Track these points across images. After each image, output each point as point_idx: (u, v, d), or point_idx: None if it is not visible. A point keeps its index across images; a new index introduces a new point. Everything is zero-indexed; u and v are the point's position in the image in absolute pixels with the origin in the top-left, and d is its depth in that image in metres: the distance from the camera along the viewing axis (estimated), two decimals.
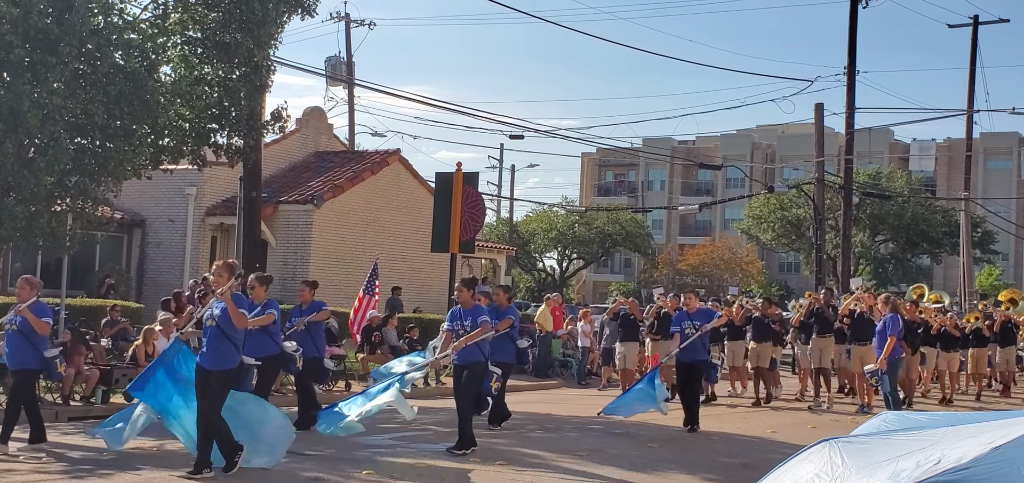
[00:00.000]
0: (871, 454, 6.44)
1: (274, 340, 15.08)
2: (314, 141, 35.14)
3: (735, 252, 71.62)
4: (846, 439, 6.79)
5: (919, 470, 5.97)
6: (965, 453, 6.04)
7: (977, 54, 40.83)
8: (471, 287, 14.61)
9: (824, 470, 6.38)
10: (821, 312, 22.13)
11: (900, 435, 6.78)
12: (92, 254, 29.20)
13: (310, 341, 16.50)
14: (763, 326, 22.68)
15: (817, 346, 21.88)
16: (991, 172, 78.88)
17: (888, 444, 6.54)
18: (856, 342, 21.35)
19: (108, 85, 17.38)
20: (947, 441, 6.29)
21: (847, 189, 36.73)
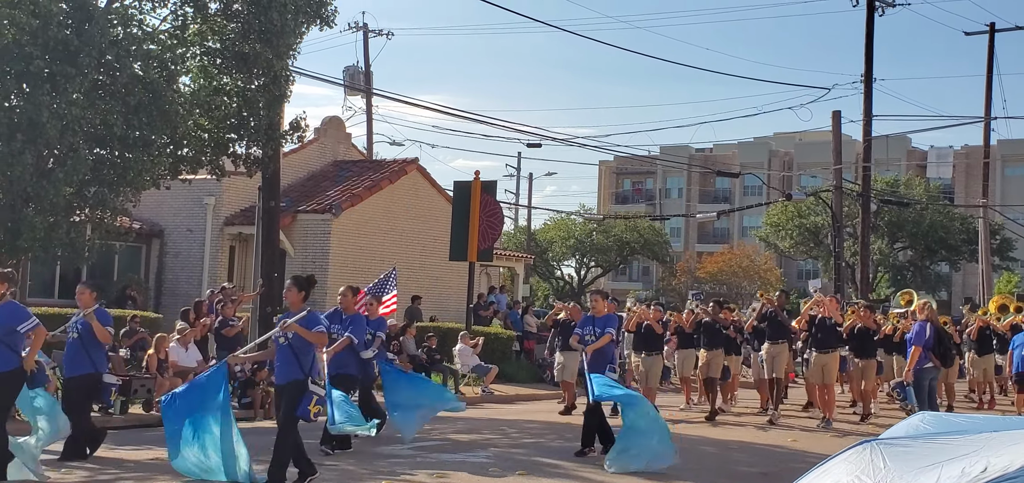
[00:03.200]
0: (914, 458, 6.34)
1: None
2: (332, 150, 35.19)
3: (753, 260, 71.37)
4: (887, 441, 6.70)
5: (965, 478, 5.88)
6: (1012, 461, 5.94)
7: (994, 61, 40.68)
8: (354, 292, 15.22)
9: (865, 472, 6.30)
10: (775, 316, 20.39)
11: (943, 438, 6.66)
12: (110, 264, 29.28)
13: None
14: (715, 332, 20.93)
15: (770, 353, 20.24)
16: (1009, 179, 78.44)
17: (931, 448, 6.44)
18: (819, 349, 19.43)
19: (127, 96, 17.45)
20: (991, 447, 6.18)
21: (865, 196, 36.59)
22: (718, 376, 20.80)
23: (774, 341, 20.13)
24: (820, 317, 19.49)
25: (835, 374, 20.01)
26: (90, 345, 13.43)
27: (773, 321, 20.26)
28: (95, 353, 13.56)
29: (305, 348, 11.61)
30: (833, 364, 19.48)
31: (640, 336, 20.51)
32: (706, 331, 20.87)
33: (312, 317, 11.84)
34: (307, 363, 11.58)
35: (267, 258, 23.80)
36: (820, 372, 19.42)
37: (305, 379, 11.49)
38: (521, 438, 16.93)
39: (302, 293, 12.02)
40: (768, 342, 20.25)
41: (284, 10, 19.08)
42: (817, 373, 19.52)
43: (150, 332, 20.87)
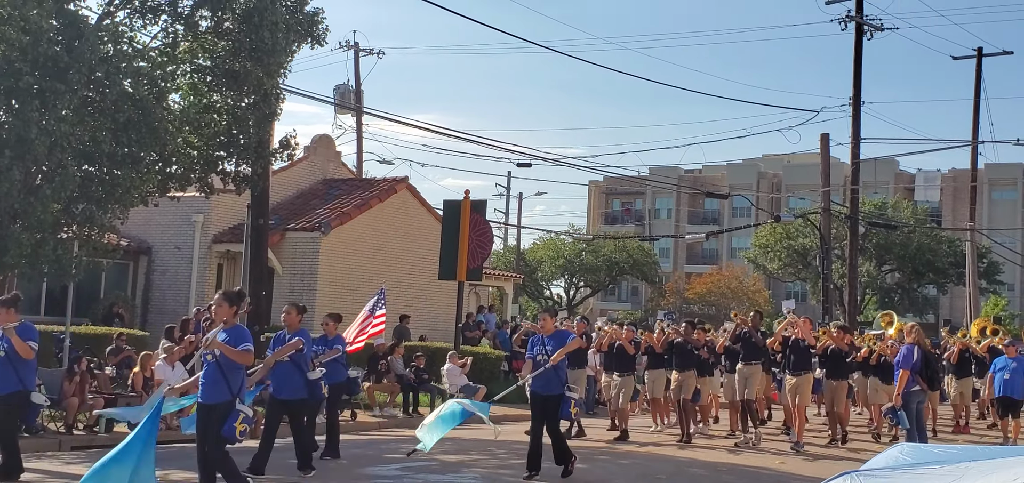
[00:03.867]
0: None
1: None
2: (322, 168, 35.16)
3: (742, 281, 71.47)
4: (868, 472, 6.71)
5: None
6: None
7: (981, 85, 40.78)
8: None
9: None
10: (748, 337, 19.94)
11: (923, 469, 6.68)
12: (98, 281, 29.19)
13: None
14: (686, 353, 20.35)
15: (743, 374, 19.77)
16: (996, 203, 78.71)
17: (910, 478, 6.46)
18: (792, 371, 19.18)
19: (116, 112, 17.41)
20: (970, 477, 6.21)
21: (853, 219, 36.66)
22: (689, 397, 20.32)
23: (747, 362, 19.77)
24: (793, 339, 19.23)
25: (808, 396, 19.68)
26: (16, 362, 13.07)
27: (747, 342, 19.89)
28: (22, 370, 13.16)
29: (233, 367, 11.16)
30: (806, 386, 19.20)
31: (612, 356, 20.40)
32: (678, 352, 20.36)
33: (239, 333, 11.32)
34: (236, 383, 11.14)
35: (255, 276, 23.74)
36: (793, 394, 19.15)
37: (232, 399, 11.06)
38: (509, 459, 16.88)
39: (233, 308, 11.44)
40: (742, 362, 19.85)
41: (275, 28, 19.07)
42: (791, 395, 19.25)
43: (136, 350, 20.81)
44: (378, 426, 21.62)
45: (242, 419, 11.09)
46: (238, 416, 11.07)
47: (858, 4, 34.97)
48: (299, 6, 20.31)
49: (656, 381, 20.85)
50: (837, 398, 19.90)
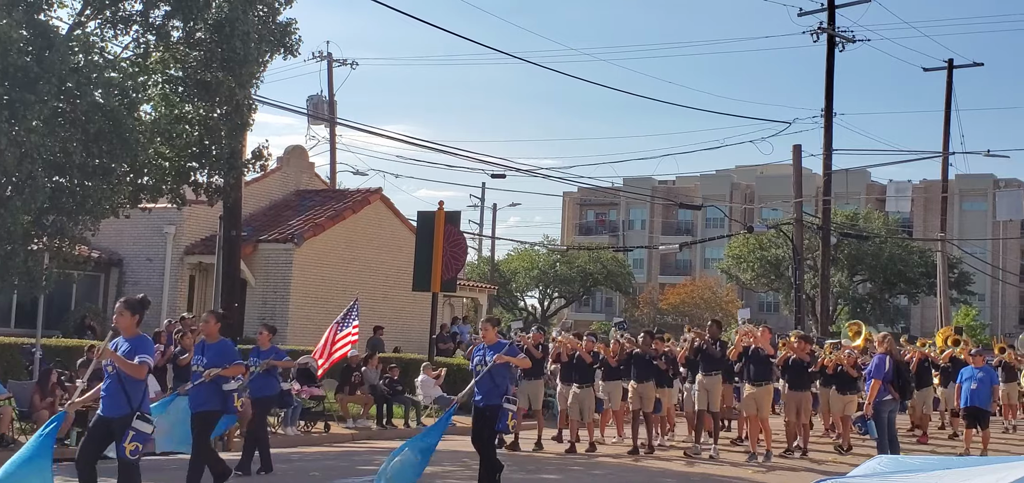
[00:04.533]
0: None
1: None
2: (295, 180, 35.06)
3: (715, 292, 71.66)
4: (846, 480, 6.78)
5: None
6: None
7: (952, 97, 41.13)
8: None
9: None
10: (707, 349, 19.54)
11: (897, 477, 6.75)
12: (68, 293, 29.01)
13: None
14: (645, 364, 19.93)
15: (703, 386, 19.36)
16: (967, 213, 79.21)
17: None
18: (752, 382, 18.70)
19: (87, 123, 17.30)
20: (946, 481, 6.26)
21: (825, 229, 36.85)
22: (649, 409, 19.96)
23: (707, 373, 19.40)
24: (753, 349, 18.86)
25: (769, 407, 19.37)
26: None
27: (706, 353, 19.52)
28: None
29: (132, 380, 10.60)
30: (766, 397, 18.96)
31: (571, 367, 20.07)
32: (637, 363, 19.97)
33: (141, 344, 10.77)
34: (136, 396, 10.58)
35: (228, 288, 23.66)
36: (754, 405, 18.76)
37: (131, 413, 10.50)
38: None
39: (135, 317, 10.82)
40: (701, 374, 19.48)
41: (247, 39, 19.01)
42: (751, 406, 18.84)
43: None
44: (351, 438, 21.54)
45: (132, 438, 10.45)
46: (128, 434, 10.47)
47: (830, 16, 35.20)
48: (271, 16, 20.28)
49: (612, 392, 20.58)
50: (802, 409, 19.62)
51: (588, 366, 19.85)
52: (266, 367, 15.41)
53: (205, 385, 12.88)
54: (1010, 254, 77.15)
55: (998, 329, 65.18)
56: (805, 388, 19.78)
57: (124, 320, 10.81)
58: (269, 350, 15.76)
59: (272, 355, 15.70)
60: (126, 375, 10.50)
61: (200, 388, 12.87)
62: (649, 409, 19.91)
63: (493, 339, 14.24)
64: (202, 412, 12.83)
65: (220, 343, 13.19)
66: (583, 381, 19.77)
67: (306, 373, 22.67)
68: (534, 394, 20.22)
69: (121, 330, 10.87)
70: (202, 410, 12.84)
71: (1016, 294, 79.71)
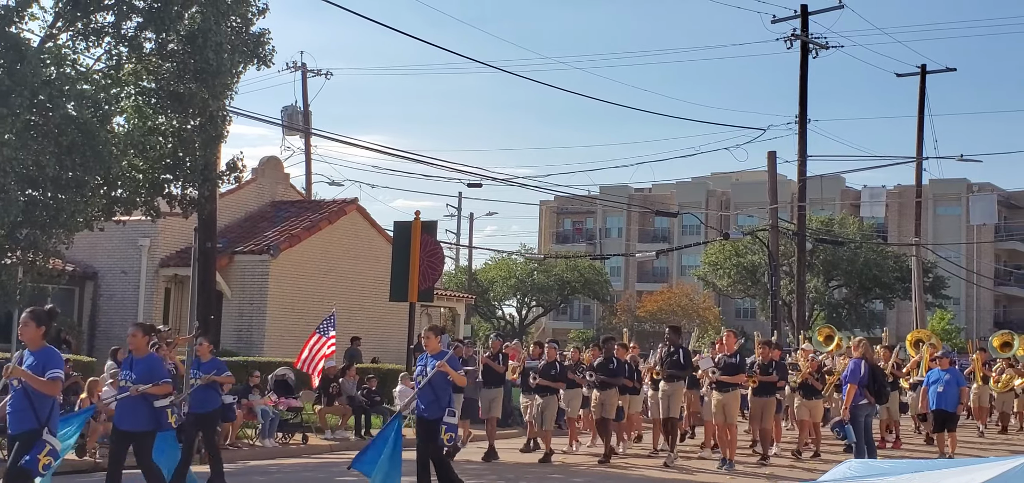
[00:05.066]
0: None
1: None
2: (270, 191, 34.97)
3: (692, 298, 71.87)
4: None
5: None
6: None
7: (925, 102, 41.30)
8: None
9: None
10: (670, 355, 19.25)
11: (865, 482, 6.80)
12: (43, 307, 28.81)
13: None
14: (609, 372, 19.77)
15: (666, 393, 19.13)
16: (941, 218, 79.67)
17: None
18: (719, 389, 18.64)
19: (60, 136, 17.22)
20: None
21: (801, 235, 36.98)
22: (612, 416, 19.74)
23: (670, 380, 19.15)
24: (719, 355, 18.90)
25: (736, 413, 19.06)
26: None
27: (669, 360, 19.27)
28: None
29: (40, 395, 10.20)
30: (733, 403, 18.67)
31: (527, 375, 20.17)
32: (600, 370, 19.80)
33: (48, 357, 10.37)
34: (44, 412, 10.20)
35: (203, 300, 23.54)
36: (721, 411, 18.56)
37: (40, 428, 10.18)
38: (462, 476, 16.80)
39: (41, 329, 10.41)
40: (664, 381, 19.27)
41: (220, 49, 18.94)
42: (718, 412, 18.70)
43: (83, 376, 20.55)
44: (330, 449, 21.49)
45: (47, 451, 10.12)
46: (44, 447, 10.11)
47: (804, 23, 35.36)
48: (245, 27, 20.22)
49: (571, 400, 20.68)
50: (765, 414, 19.40)
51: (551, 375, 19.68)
52: (206, 381, 14.82)
53: (135, 403, 12.12)
54: (984, 258, 77.64)
55: (973, 333, 65.49)
56: (769, 394, 19.53)
57: (28, 332, 10.38)
58: (210, 362, 15.15)
59: (213, 368, 15.09)
60: (34, 390, 10.12)
61: (130, 406, 12.13)
62: (611, 416, 19.72)
63: (436, 348, 13.93)
64: (132, 432, 12.09)
65: (148, 358, 12.38)
66: (545, 390, 19.66)
67: (284, 384, 22.63)
68: (493, 402, 20.27)
69: (26, 342, 10.46)
70: (131, 430, 12.09)
71: (990, 298, 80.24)
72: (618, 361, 20.05)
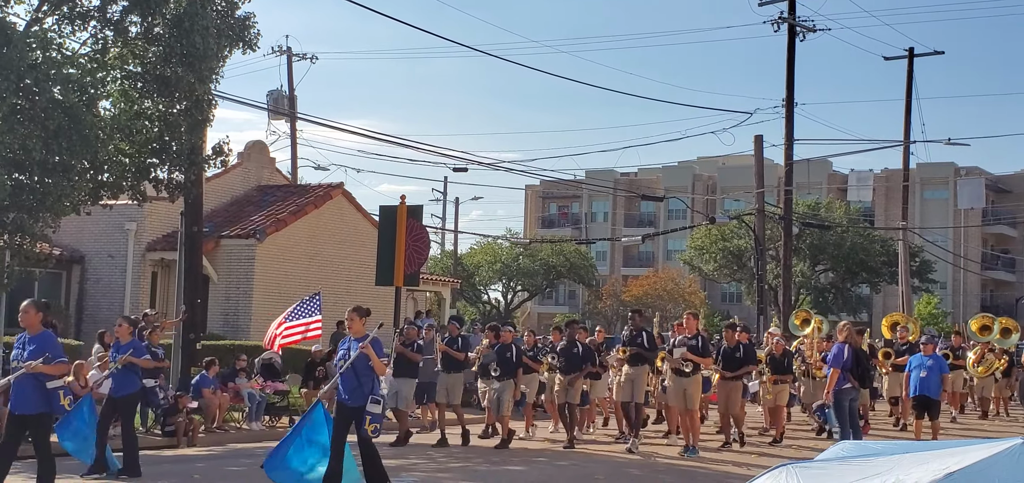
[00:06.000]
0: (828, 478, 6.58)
1: None
2: (256, 175, 34.93)
3: (678, 283, 72.03)
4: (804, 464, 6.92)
5: None
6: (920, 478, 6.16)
7: (913, 86, 41.36)
8: None
9: None
10: (634, 339, 18.80)
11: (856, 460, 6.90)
12: (30, 291, 28.71)
13: None
14: (572, 356, 19.32)
15: (629, 377, 18.68)
16: (928, 202, 79.92)
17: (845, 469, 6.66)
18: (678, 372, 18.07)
19: (46, 120, 17.19)
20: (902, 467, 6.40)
21: (787, 220, 37.07)
22: (576, 402, 19.34)
23: (634, 364, 18.64)
24: (679, 338, 18.33)
25: (698, 397, 18.44)
26: None
27: (633, 343, 18.79)
28: None
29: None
30: (694, 388, 18.09)
31: None
32: (564, 355, 19.44)
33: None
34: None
35: (190, 284, 23.55)
36: (681, 396, 18.03)
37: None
38: (448, 462, 16.91)
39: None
40: (627, 365, 18.76)
41: (206, 34, 18.91)
42: (678, 397, 18.14)
43: (71, 359, 20.52)
44: None
45: None
46: None
47: (791, 5, 35.40)
48: (230, 11, 20.19)
49: (530, 385, 20.32)
50: (731, 399, 19.17)
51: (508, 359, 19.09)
52: (125, 362, 14.43)
53: (27, 384, 11.67)
54: (971, 242, 77.92)
55: (960, 317, 65.75)
56: (735, 378, 19.31)
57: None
58: (129, 344, 14.64)
59: (132, 349, 14.58)
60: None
61: (21, 386, 11.72)
62: (576, 402, 19.38)
63: (360, 331, 12.98)
64: (25, 415, 11.68)
65: (42, 335, 11.83)
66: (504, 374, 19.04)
67: (270, 368, 22.66)
68: (453, 388, 19.58)
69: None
70: (24, 413, 11.68)
71: (977, 282, 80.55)
72: (582, 345, 19.55)
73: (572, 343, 19.48)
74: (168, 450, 17.74)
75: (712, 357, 18.99)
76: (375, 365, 12.71)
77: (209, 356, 21.93)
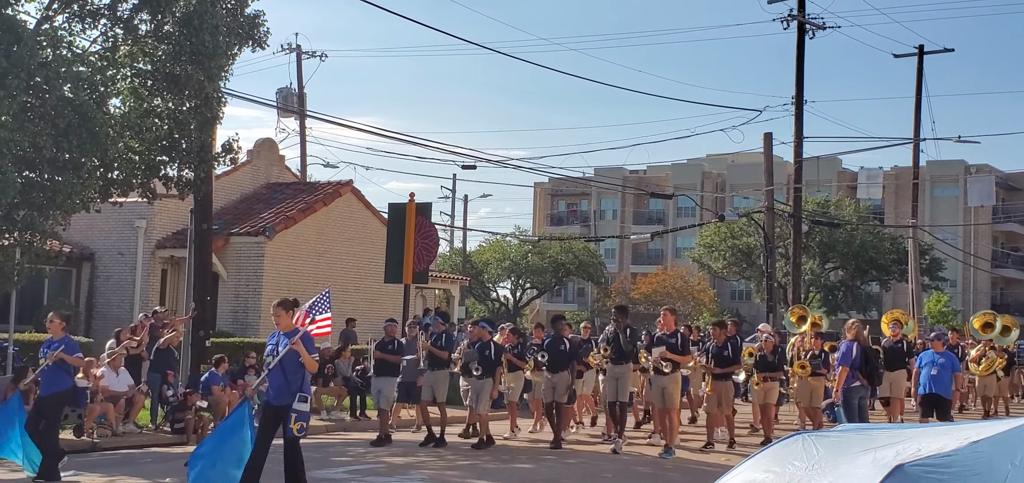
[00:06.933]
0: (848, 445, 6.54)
1: None
2: (265, 172, 34.99)
3: (687, 281, 71.95)
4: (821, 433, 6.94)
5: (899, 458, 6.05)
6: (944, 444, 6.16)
7: (923, 83, 41.28)
8: None
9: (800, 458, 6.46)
10: (617, 338, 18.29)
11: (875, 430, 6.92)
12: (41, 288, 28.87)
13: None
14: (559, 353, 18.98)
15: (613, 375, 18.29)
16: (938, 200, 79.76)
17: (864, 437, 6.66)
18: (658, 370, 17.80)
19: (57, 118, 17.23)
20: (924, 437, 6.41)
21: (796, 217, 37.01)
22: (563, 400, 18.93)
23: (617, 362, 18.22)
24: (657, 334, 18.09)
25: (677, 397, 18.12)
26: None
27: (616, 342, 18.29)
28: None
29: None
30: (674, 387, 17.74)
31: None
32: (549, 351, 19.01)
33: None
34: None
35: (200, 281, 23.60)
36: (660, 395, 17.79)
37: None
38: (456, 460, 16.94)
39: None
40: (611, 364, 18.39)
41: (215, 32, 18.94)
42: (656, 396, 17.97)
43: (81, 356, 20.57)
44: (325, 430, 21.55)
45: None
46: None
47: (800, 3, 35.30)
48: (240, 9, 20.22)
49: (515, 385, 19.99)
50: (723, 399, 18.84)
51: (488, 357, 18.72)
52: (55, 359, 13.98)
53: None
54: (981, 240, 77.74)
55: (970, 315, 65.64)
56: (725, 377, 18.98)
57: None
58: (61, 340, 14.12)
59: (63, 346, 14.07)
60: None
61: None
62: (562, 400, 18.96)
63: (288, 325, 12.15)
64: None
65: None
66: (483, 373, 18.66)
67: None
68: (438, 385, 19.10)
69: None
70: None
71: (988, 280, 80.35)
72: (568, 342, 19.28)
73: (558, 340, 19.13)
74: (177, 447, 17.76)
75: (692, 355, 18.55)
76: (305, 362, 11.85)
77: (218, 353, 21.97)
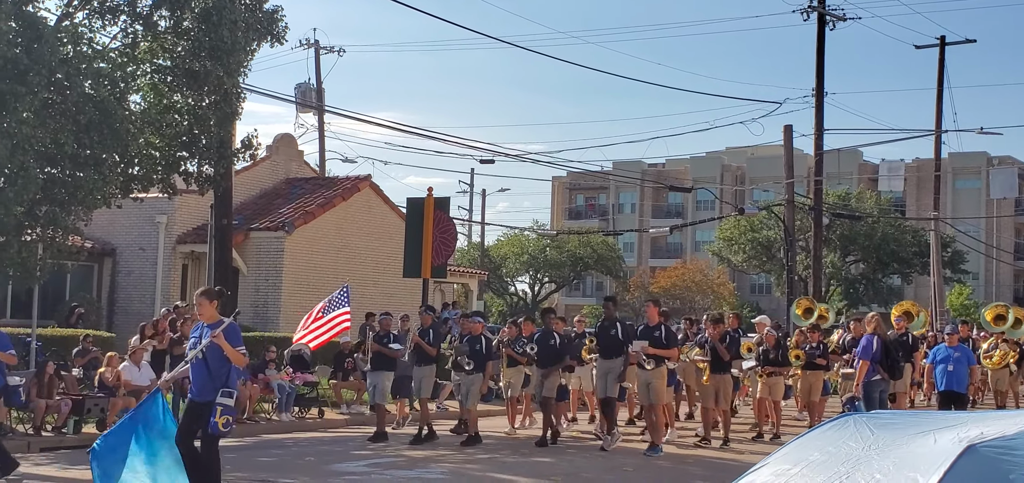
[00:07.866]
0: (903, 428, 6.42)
1: None
2: (285, 168, 35.08)
3: (706, 274, 71.81)
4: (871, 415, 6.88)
5: (961, 442, 5.90)
6: (1005, 428, 6.06)
7: (944, 74, 41.00)
8: None
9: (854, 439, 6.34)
10: (607, 330, 17.85)
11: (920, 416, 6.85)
12: (62, 284, 29.03)
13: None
14: (549, 348, 18.46)
15: (601, 370, 17.87)
16: (960, 192, 79.39)
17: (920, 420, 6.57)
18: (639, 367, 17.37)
19: (78, 114, 17.35)
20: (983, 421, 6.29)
21: (817, 210, 36.88)
22: (553, 396, 18.37)
23: (606, 357, 17.72)
24: (644, 326, 17.58)
25: (663, 392, 17.69)
26: None
27: (605, 336, 17.87)
28: None
29: None
30: (659, 382, 17.25)
31: None
32: (539, 346, 18.50)
33: None
34: None
35: (220, 276, 23.70)
36: (644, 391, 17.35)
37: None
38: (475, 454, 16.97)
39: None
40: (600, 358, 17.95)
41: (234, 27, 19.03)
42: (641, 392, 17.57)
43: (103, 351, 20.72)
44: (345, 423, 21.65)
45: None
46: None
47: None
48: (258, 4, 20.31)
49: (513, 381, 19.55)
50: (721, 394, 18.34)
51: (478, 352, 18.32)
52: None
53: None
54: (1004, 232, 77.33)
55: None
56: (723, 371, 18.45)
57: None
58: None
59: None
60: None
61: None
62: (553, 396, 18.40)
63: (212, 316, 11.37)
64: None
65: None
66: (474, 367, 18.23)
67: (299, 359, 22.76)
68: (424, 381, 18.63)
69: None
70: None
71: (1010, 272, 79.90)
72: (559, 337, 18.78)
73: (548, 334, 18.61)
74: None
75: (678, 349, 18.13)
76: (230, 355, 11.07)
77: None
